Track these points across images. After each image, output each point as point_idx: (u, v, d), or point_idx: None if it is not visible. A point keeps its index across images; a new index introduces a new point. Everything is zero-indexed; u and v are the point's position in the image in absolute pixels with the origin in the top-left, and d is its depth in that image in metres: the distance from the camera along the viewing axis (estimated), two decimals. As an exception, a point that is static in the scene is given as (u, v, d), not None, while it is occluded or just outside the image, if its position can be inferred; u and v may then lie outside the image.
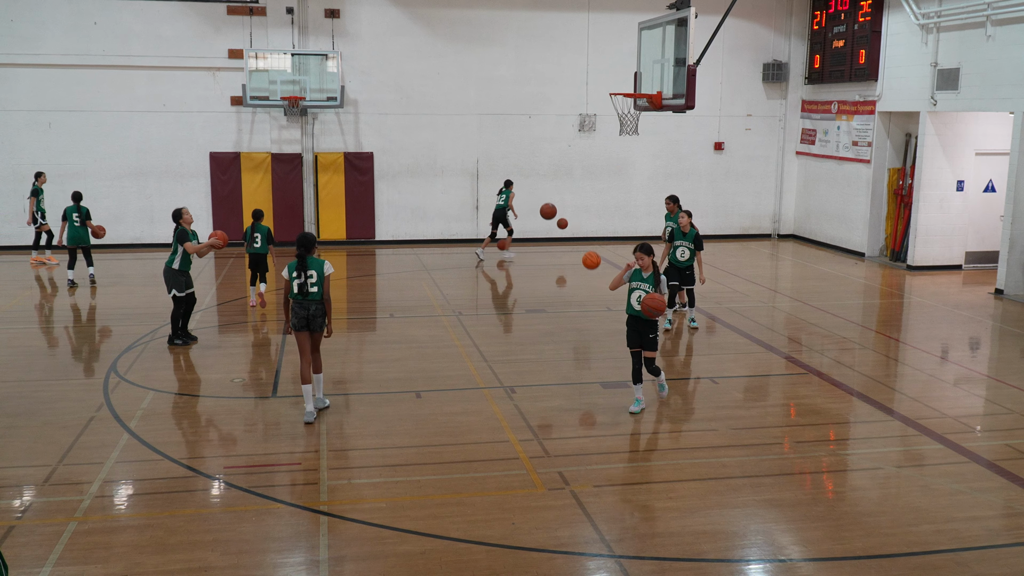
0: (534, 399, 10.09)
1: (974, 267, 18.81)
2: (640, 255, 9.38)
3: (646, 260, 9.39)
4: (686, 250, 13.33)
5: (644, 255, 9.38)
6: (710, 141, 22.56)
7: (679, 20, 12.69)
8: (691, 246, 13.29)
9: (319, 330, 9.36)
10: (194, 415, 9.55)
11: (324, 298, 9.27)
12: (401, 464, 8.24)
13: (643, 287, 9.36)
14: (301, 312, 9.26)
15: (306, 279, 9.21)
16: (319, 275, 9.25)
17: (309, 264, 9.24)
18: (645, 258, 9.37)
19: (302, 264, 9.23)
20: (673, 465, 8.30)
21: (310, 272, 9.23)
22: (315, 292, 9.23)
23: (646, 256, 9.37)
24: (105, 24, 19.70)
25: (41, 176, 18.07)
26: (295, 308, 9.29)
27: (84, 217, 16.51)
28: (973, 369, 11.74)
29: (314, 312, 9.26)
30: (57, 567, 6.33)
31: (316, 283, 9.23)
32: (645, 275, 9.41)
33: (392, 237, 21.54)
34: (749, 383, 10.99)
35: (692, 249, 13.31)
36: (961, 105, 17.18)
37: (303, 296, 9.25)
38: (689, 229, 13.35)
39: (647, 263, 9.39)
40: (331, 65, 19.87)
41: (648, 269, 9.42)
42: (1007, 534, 7.04)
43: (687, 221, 13.33)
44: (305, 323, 9.28)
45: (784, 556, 6.64)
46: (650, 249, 9.40)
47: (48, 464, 8.12)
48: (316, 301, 9.26)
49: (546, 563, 6.49)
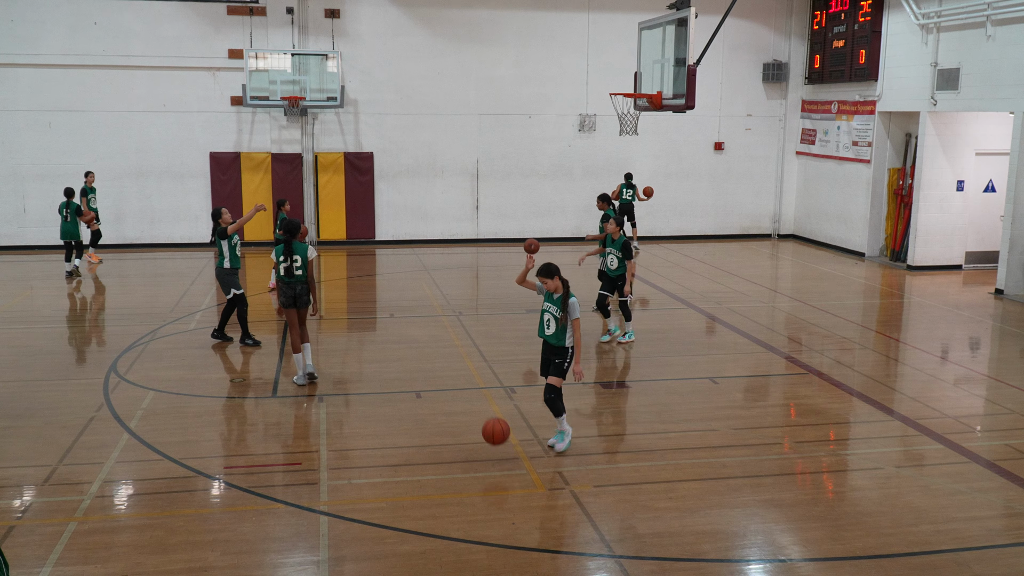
0: (534, 399, 10.08)
1: (974, 267, 18.81)
2: (543, 279, 8.32)
3: (550, 283, 8.32)
4: (615, 258, 12.41)
5: (545, 279, 8.32)
6: (710, 141, 22.57)
7: (679, 20, 12.69)
8: (620, 254, 12.36)
9: (304, 307, 10.52)
10: (194, 415, 9.55)
11: (308, 279, 10.42)
12: (401, 464, 8.24)
13: (552, 310, 8.36)
14: (288, 291, 10.41)
15: (291, 262, 10.33)
16: (303, 259, 10.37)
17: (294, 249, 10.37)
18: (548, 281, 8.31)
19: (288, 249, 10.35)
20: (673, 465, 8.30)
21: (295, 256, 10.34)
22: (300, 274, 10.36)
23: (548, 279, 8.30)
24: (105, 24, 19.70)
25: (90, 175, 18.19)
26: (283, 288, 10.43)
27: (74, 213, 16.86)
28: (973, 369, 11.74)
29: (300, 291, 10.42)
30: (57, 567, 6.33)
31: (300, 266, 10.35)
32: (555, 297, 8.37)
33: (392, 237, 21.54)
34: (749, 383, 10.99)
35: (620, 258, 12.37)
36: (961, 105, 17.18)
37: (289, 277, 10.37)
38: (619, 236, 12.41)
39: (552, 285, 8.32)
40: (331, 65, 19.87)
41: (557, 290, 8.35)
42: (1007, 534, 7.04)
43: (614, 227, 12.36)
44: (292, 301, 10.43)
45: (784, 556, 6.64)
46: (551, 271, 8.29)
47: (48, 464, 8.11)
48: (301, 281, 10.40)
49: (546, 563, 6.49)
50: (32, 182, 19.91)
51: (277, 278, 10.43)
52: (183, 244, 20.64)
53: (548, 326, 8.40)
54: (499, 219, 21.96)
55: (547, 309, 8.39)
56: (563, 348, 8.37)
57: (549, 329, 8.40)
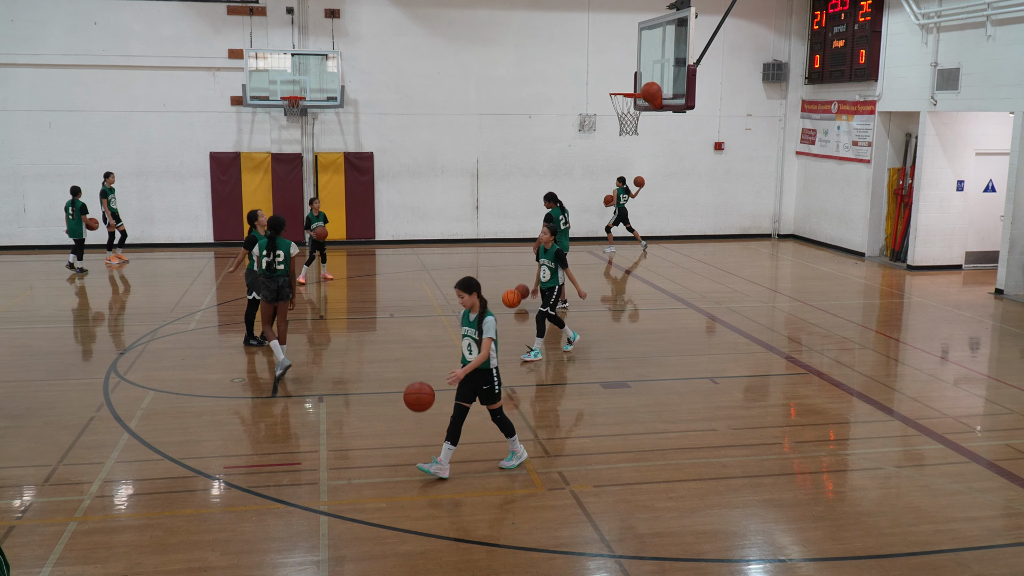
0: (534, 399, 10.08)
1: (974, 267, 18.81)
2: (459, 292, 7.59)
3: (466, 299, 7.59)
4: (546, 269, 11.64)
5: (462, 292, 7.58)
6: (710, 141, 22.57)
7: (679, 20, 12.69)
8: (552, 265, 11.56)
9: (286, 299, 10.84)
10: (194, 415, 9.54)
11: (290, 273, 10.72)
12: (401, 464, 8.24)
13: (471, 333, 7.62)
14: (271, 285, 10.70)
15: (274, 257, 10.66)
16: (286, 255, 10.70)
17: (278, 244, 10.69)
18: (464, 296, 7.55)
19: (272, 244, 10.68)
20: (673, 465, 8.29)
21: (278, 251, 10.67)
22: (282, 269, 10.71)
23: (465, 294, 7.56)
24: (105, 24, 19.70)
25: (110, 176, 18.24)
26: (265, 282, 10.71)
27: (79, 211, 17.02)
28: (973, 369, 11.74)
29: (282, 285, 10.75)
30: (57, 567, 6.33)
31: (283, 261, 10.70)
32: (471, 317, 7.65)
33: (392, 237, 21.54)
34: (749, 383, 10.99)
35: (553, 269, 11.56)
36: (961, 105, 17.18)
37: (271, 272, 10.68)
38: (551, 245, 11.63)
39: (468, 302, 7.59)
40: (331, 65, 19.87)
41: (474, 308, 7.62)
42: (1007, 534, 7.04)
43: (547, 237, 11.53)
44: (275, 295, 10.76)
45: (784, 556, 6.64)
46: (469, 285, 7.58)
47: (48, 464, 8.11)
48: (283, 275, 10.72)
49: (546, 563, 6.49)
50: (32, 182, 19.92)
51: (259, 272, 10.73)
52: (183, 244, 20.64)
53: (470, 351, 7.64)
54: (499, 219, 21.96)
55: (466, 333, 7.63)
56: (488, 371, 7.71)
57: (471, 354, 7.63)
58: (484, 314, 7.60)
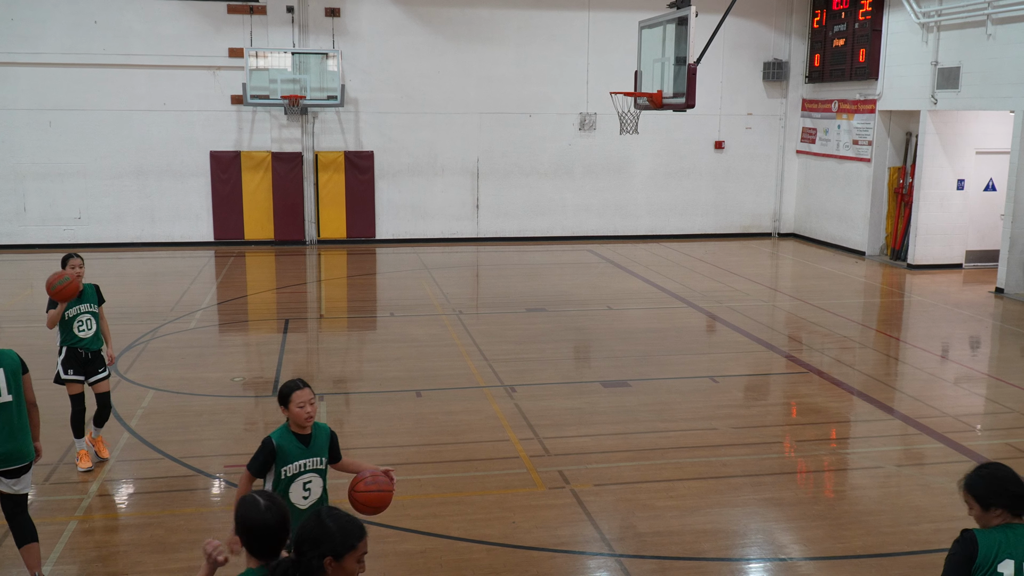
0: (534, 398, 10.08)
1: (974, 266, 18.80)
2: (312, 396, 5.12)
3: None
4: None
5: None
6: (710, 140, 22.55)
7: (679, 19, 12.69)
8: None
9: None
10: (194, 414, 9.54)
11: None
12: (401, 463, 8.24)
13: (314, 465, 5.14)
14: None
15: None
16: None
17: None
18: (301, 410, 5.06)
19: None
20: (674, 464, 8.29)
21: None
22: None
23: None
24: (105, 23, 19.69)
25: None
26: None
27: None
28: (973, 368, 11.74)
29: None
30: (57, 566, 6.33)
31: None
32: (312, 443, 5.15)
33: (392, 236, 21.53)
34: (749, 382, 10.99)
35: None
36: (961, 104, 17.17)
37: None
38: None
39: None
40: (331, 64, 19.86)
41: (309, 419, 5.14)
42: (1007, 533, 7.03)
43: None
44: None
45: (784, 555, 6.64)
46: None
47: (48, 463, 8.11)
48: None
49: (546, 562, 6.49)
50: (32, 181, 19.91)
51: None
52: (183, 243, 20.63)
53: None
54: (499, 218, 21.95)
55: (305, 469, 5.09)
56: None
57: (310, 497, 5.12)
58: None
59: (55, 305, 7.77)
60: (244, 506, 3.61)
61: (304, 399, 5.04)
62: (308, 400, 5.05)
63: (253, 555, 3.57)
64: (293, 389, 5.06)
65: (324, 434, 5.21)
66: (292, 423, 5.08)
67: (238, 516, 3.61)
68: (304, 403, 5.03)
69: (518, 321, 13.77)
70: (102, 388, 8.09)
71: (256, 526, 3.54)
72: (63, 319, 7.83)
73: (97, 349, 8.04)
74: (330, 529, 3.44)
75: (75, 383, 7.97)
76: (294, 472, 5.05)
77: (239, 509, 3.61)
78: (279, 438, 5.04)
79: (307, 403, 5.04)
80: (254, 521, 3.54)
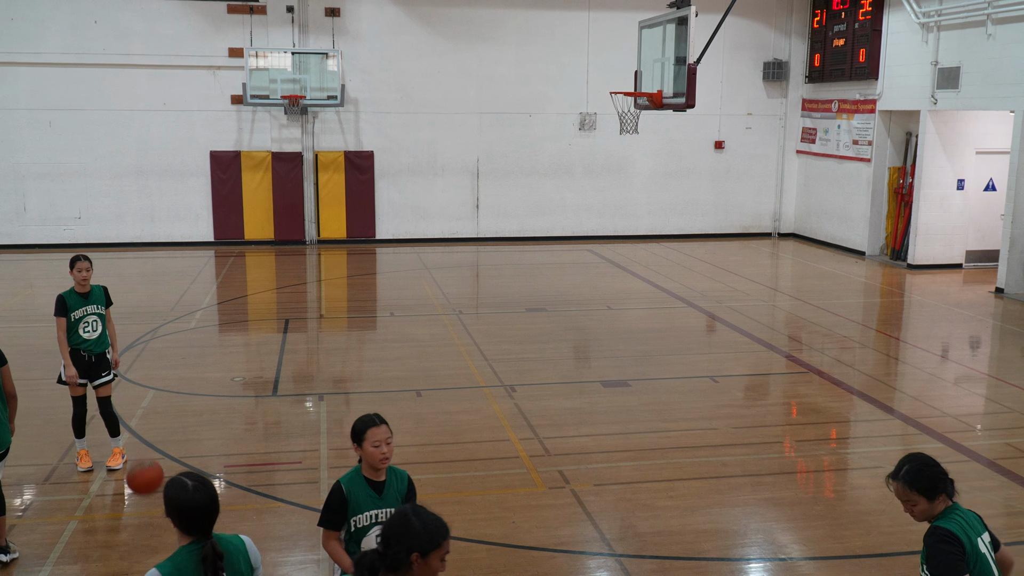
0: (534, 398, 10.08)
1: (974, 266, 18.80)
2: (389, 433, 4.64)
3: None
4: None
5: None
6: (710, 140, 22.55)
7: (679, 19, 12.69)
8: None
9: None
10: (194, 414, 9.55)
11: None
12: (401, 463, 8.19)
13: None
14: None
15: None
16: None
17: None
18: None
19: None
20: (674, 464, 8.29)
21: None
22: None
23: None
24: (105, 22, 19.69)
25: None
26: None
27: None
28: (973, 368, 11.74)
29: None
30: (58, 566, 6.33)
31: None
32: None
33: (392, 236, 21.53)
34: (750, 382, 10.99)
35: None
36: (961, 104, 17.17)
37: None
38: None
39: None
40: (331, 64, 19.87)
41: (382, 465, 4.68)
42: (1007, 533, 7.03)
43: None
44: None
45: (784, 555, 6.64)
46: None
47: (49, 463, 8.12)
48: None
49: (546, 562, 6.49)
50: (32, 181, 19.90)
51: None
52: (183, 243, 20.63)
53: None
54: (499, 218, 21.95)
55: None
56: None
57: None
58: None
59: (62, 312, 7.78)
60: (172, 487, 3.80)
61: (380, 437, 4.49)
62: (385, 439, 4.50)
63: (185, 534, 3.80)
64: (368, 425, 4.50)
65: (402, 481, 4.68)
66: (365, 465, 4.53)
67: (167, 498, 3.79)
68: (380, 442, 4.48)
69: (518, 321, 13.77)
70: (103, 392, 8.08)
71: (185, 507, 3.74)
72: (69, 320, 7.84)
73: (102, 352, 8.04)
74: (417, 527, 3.51)
75: (76, 385, 7.97)
76: (365, 524, 4.54)
77: (167, 491, 3.80)
78: (349, 483, 4.52)
79: (383, 442, 4.49)
80: (183, 502, 3.74)
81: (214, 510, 3.80)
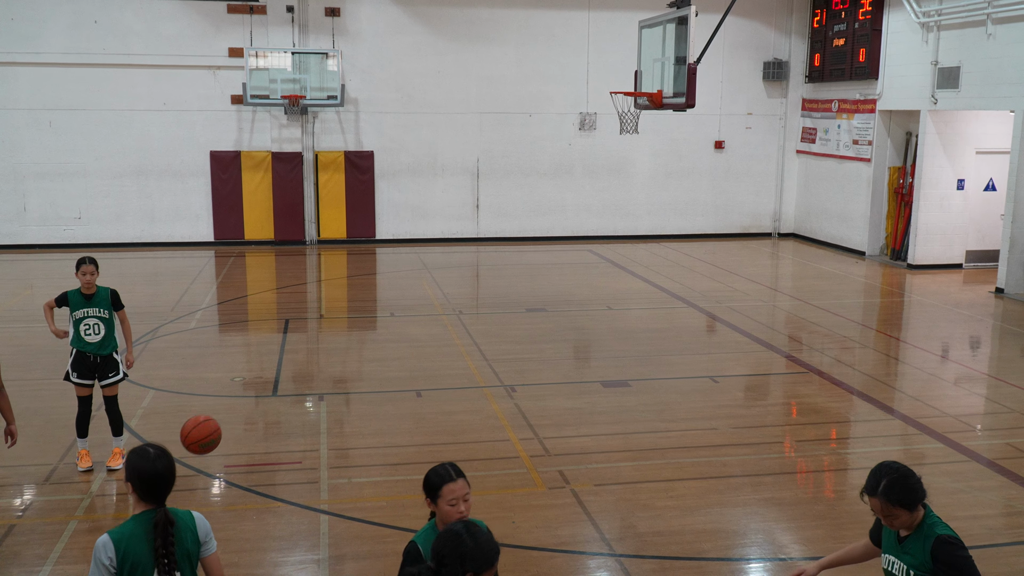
0: (534, 398, 10.08)
1: (974, 266, 18.81)
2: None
3: None
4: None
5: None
6: (710, 140, 22.55)
7: (679, 18, 12.69)
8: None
9: None
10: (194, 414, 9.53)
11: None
12: (401, 463, 8.24)
13: None
14: None
15: None
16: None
17: None
18: None
19: None
20: (674, 464, 8.30)
21: None
22: None
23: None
24: (105, 22, 19.69)
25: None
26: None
27: None
28: (973, 368, 11.74)
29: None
30: (58, 566, 6.33)
31: None
32: None
33: (392, 236, 21.53)
34: (750, 382, 10.99)
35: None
36: (962, 104, 17.17)
37: None
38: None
39: None
40: (331, 64, 19.87)
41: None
42: (1007, 533, 7.04)
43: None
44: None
45: (784, 555, 6.64)
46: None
47: (49, 463, 8.12)
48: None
49: (546, 561, 6.49)
50: (32, 181, 19.91)
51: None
52: (183, 243, 20.63)
53: None
54: (499, 218, 21.95)
55: None
56: None
57: None
58: None
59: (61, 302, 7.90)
60: (135, 456, 4.00)
61: (457, 495, 4.03)
62: (462, 496, 4.03)
63: (143, 500, 4.00)
64: (445, 481, 4.05)
65: None
66: (439, 522, 4.09)
67: (129, 466, 4.00)
68: (457, 500, 4.03)
69: (518, 321, 13.77)
70: (110, 392, 8.11)
71: (147, 474, 3.95)
72: (71, 320, 7.86)
73: (108, 354, 8.04)
74: (471, 548, 3.54)
75: (82, 386, 8.00)
76: None
77: (130, 459, 4.01)
78: (425, 542, 4.03)
79: (460, 499, 4.03)
80: (145, 470, 3.95)
81: (171, 479, 4.03)
